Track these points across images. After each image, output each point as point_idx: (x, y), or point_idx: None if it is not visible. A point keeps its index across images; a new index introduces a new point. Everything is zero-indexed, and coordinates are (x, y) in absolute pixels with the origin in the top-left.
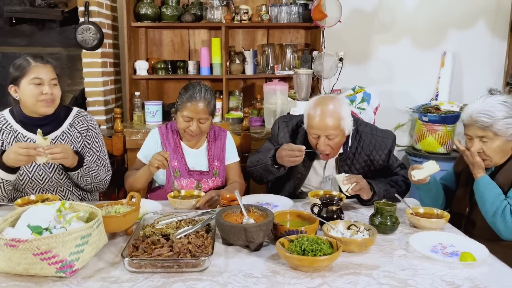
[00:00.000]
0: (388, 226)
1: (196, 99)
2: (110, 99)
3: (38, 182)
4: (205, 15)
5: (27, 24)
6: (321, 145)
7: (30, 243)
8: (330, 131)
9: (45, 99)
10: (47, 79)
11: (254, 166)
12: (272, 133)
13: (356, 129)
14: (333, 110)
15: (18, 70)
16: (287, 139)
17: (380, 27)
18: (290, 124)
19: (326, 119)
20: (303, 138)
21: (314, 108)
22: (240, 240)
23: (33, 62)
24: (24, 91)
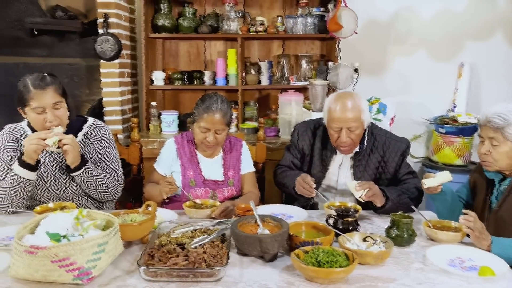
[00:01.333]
0: (404, 238)
1: (213, 110)
2: (127, 108)
3: (54, 192)
4: (221, 26)
5: (47, 35)
6: (343, 137)
7: (49, 250)
8: (352, 123)
9: (50, 126)
10: (48, 105)
11: (280, 186)
12: (292, 140)
13: (371, 131)
14: (353, 103)
15: (20, 97)
16: (307, 142)
17: (396, 38)
18: (309, 127)
19: (348, 112)
20: (322, 138)
21: (335, 102)
22: (255, 251)
23: (33, 89)
24: (30, 117)
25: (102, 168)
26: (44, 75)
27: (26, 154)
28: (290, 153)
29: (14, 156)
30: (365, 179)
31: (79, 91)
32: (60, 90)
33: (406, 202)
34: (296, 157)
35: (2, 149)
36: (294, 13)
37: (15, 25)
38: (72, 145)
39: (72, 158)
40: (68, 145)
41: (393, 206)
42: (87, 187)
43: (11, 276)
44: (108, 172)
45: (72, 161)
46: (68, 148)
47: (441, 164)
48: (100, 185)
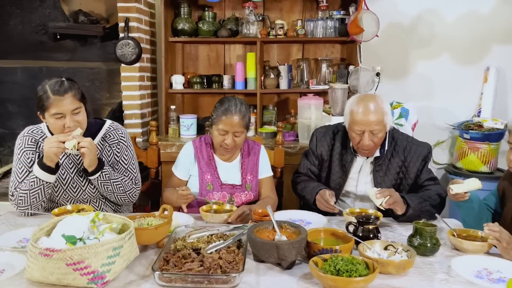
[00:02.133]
0: (428, 248)
1: (232, 112)
2: (146, 112)
3: (71, 194)
4: (241, 30)
5: (70, 40)
6: (365, 140)
7: (64, 253)
8: (374, 126)
9: (69, 131)
10: (68, 111)
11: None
12: (310, 146)
13: (392, 136)
14: (376, 105)
15: (40, 103)
16: (325, 148)
17: (419, 41)
18: (327, 133)
19: (371, 114)
20: (341, 143)
21: (357, 105)
22: (271, 257)
23: (52, 95)
24: (49, 123)
25: (120, 171)
26: (62, 81)
27: (46, 157)
28: (307, 160)
29: (33, 158)
30: (385, 184)
31: (99, 94)
32: (78, 95)
33: (428, 210)
34: (314, 164)
35: (22, 151)
36: (314, 16)
37: (39, 29)
38: (90, 148)
39: (89, 161)
40: (86, 148)
41: (415, 214)
42: (104, 190)
43: (26, 278)
44: (126, 175)
45: (89, 164)
46: (85, 151)
47: (466, 171)
48: (117, 188)
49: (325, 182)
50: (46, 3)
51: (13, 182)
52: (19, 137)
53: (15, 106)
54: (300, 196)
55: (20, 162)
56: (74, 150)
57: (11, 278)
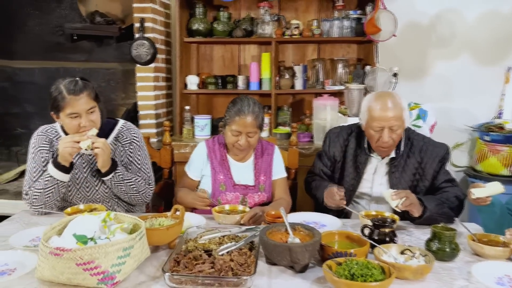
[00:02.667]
0: (447, 252)
1: (245, 113)
2: (161, 112)
3: (84, 193)
4: (256, 30)
5: (86, 41)
6: (385, 137)
7: (74, 253)
8: (394, 122)
9: (84, 131)
10: (83, 111)
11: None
12: (323, 147)
13: (407, 136)
14: (394, 101)
15: (55, 103)
16: (338, 148)
17: (437, 41)
18: (341, 133)
19: (389, 110)
20: (355, 144)
21: (375, 101)
22: (284, 260)
23: (67, 95)
24: (64, 123)
25: (133, 171)
26: (77, 80)
27: (61, 156)
28: (320, 161)
29: (47, 157)
30: (401, 186)
31: (115, 94)
32: (93, 94)
33: (445, 212)
34: (326, 165)
35: (36, 150)
36: (330, 16)
37: (56, 30)
38: (103, 149)
39: (102, 162)
40: (99, 149)
41: (432, 217)
42: (117, 191)
43: (37, 277)
44: (139, 176)
45: (102, 165)
46: (99, 151)
47: (486, 174)
48: (130, 188)
49: (338, 183)
50: (63, 4)
51: (27, 181)
52: (33, 136)
53: (33, 106)
54: (313, 196)
55: (34, 161)
56: (88, 150)
57: (22, 277)
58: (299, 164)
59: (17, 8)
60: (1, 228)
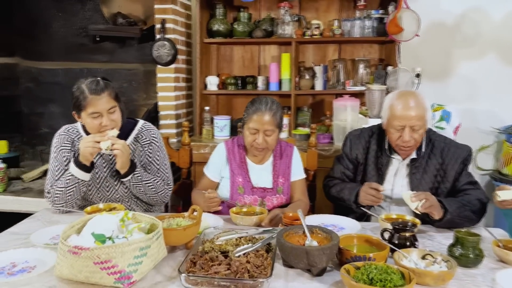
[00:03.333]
0: (470, 258)
1: (262, 111)
2: (181, 113)
3: (104, 193)
4: (276, 30)
5: (109, 42)
6: (405, 136)
7: (92, 252)
8: (415, 121)
9: (105, 130)
10: (104, 110)
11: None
12: (343, 150)
13: (428, 137)
14: (417, 101)
15: (77, 103)
16: (360, 150)
17: (462, 41)
18: (362, 135)
19: (411, 109)
20: (377, 146)
21: (397, 99)
22: (301, 263)
23: (89, 95)
24: (86, 122)
25: (152, 172)
26: (98, 80)
27: (81, 156)
28: (341, 164)
29: (68, 157)
30: (422, 187)
31: (137, 95)
32: (113, 94)
33: (467, 216)
34: (348, 168)
35: (58, 150)
36: (352, 16)
37: (80, 32)
38: (122, 150)
39: (121, 163)
40: (119, 150)
41: (453, 219)
42: (136, 192)
43: (56, 275)
44: (158, 176)
45: (121, 166)
46: (118, 153)
47: None
48: (149, 189)
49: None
50: (87, 6)
51: (49, 179)
52: (56, 135)
53: (57, 106)
54: (336, 198)
55: (56, 160)
56: (108, 151)
57: (41, 275)
58: (319, 165)
59: (43, 10)
60: (23, 226)
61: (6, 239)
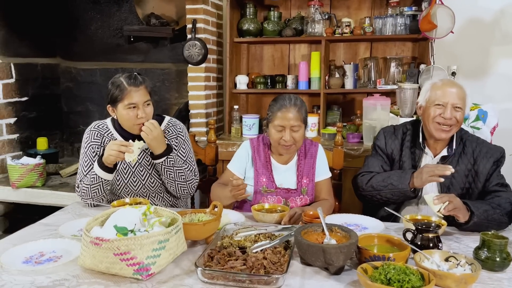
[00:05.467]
0: (496, 262)
1: (286, 106)
2: (211, 112)
3: (132, 188)
4: (306, 29)
5: (143, 42)
6: (447, 113)
7: (112, 243)
8: (458, 100)
9: (141, 123)
10: (141, 102)
11: (379, 190)
12: (378, 145)
13: (460, 136)
14: (459, 84)
15: (115, 94)
16: (397, 146)
17: (501, 38)
18: (397, 131)
19: (454, 87)
20: (410, 142)
21: (439, 81)
22: (318, 261)
23: (128, 86)
24: (121, 114)
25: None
26: (136, 75)
27: (105, 159)
28: (377, 158)
29: (98, 152)
30: (453, 187)
31: (169, 94)
32: (149, 88)
33: (496, 219)
34: (386, 162)
35: (88, 145)
36: (384, 13)
37: (116, 33)
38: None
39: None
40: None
41: (480, 223)
42: (166, 177)
43: (80, 265)
44: (185, 167)
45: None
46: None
47: None
48: (179, 176)
49: None
50: (123, 8)
51: (79, 174)
52: (86, 131)
53: (94, 105)
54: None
55: (86, 156)
56: (132, 163)
57: (66, 264)
58: (347, 165)
59: (82, 12)
60: (54, 218)
61: (37, 230)
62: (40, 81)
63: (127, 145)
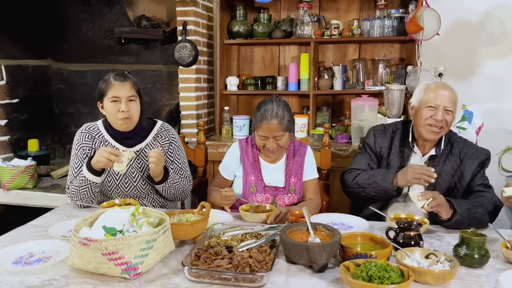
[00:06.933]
0: (475, 259)
1: (267, 118)
2: (202, 113)
3: (123, 189)
4: (295, 31)
5: (134, 44)
6: (438, 116)
7: (100, 243)
8: (449, 103)
9: (122, 117)
10: (124, 96)
11: (363, 187)
12: (367, 143)
13: (448, 137)
14: (451, 87)
15: (101, 88)
16: (386, 145)
17: (487, 40)
18: (387, 130)
19: (446, 90)
20: (399, 141)
21: (433, 84)
22: (302, 259)
23: (113, 80)
24: (106, 108)
25: (175, 170)
26: (124, 72)
27: (93, 163)
28: (364, 156)
29: (89, 154)
30: (439, 186)
31: (160, 95)
32: (136, 87)
33: (478, 217)
34: (372, 160)
35: (79, 147)
36: (372, 15)
37: (107, 34)
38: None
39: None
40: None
41: (462, 220)
42: (167, 194)
43: (69, 265)
44: (181, 175)
45: (156, 175)
46: (152, 166)
47: None
48: (177, 189)
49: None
50: (114, 9)
51: (69, 176)
52: (77, 133)
53: (85, 106)
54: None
55: (77, 157)
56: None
57: (55, 265)
58: (336, 165)
59: (73, 14)
60: (44, 219)
61: (26, 231)
62: (31, 83)
63: (117, 154)
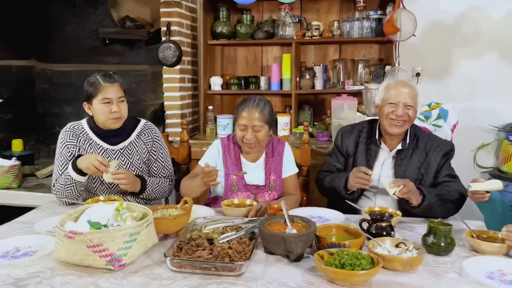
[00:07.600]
0: (441, 247)
1: (249, 107)
2: (187, 112)
3: (107, 186)
4: (277, 32)
5: (118, 44)
6: (399, 111)
7: (85, 236)
8: (409, 99)
9: (114, 117)
10: (115, 98)
11: (326, 189)
12: (335, 144)
13: (414, 132)
14: (411, 84)
15: (90, 90)
16: (351, 143)
17: (462, 40)
18: (353, 130)
19: (406, 88)
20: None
21: (392, 82)
22: (279, 250)
23: (103, 82)
24: (96, 109)
25: (158, 168)
26: (110, 73)
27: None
28: (332, 158)
29: (73, 152)
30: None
31: (145, 95)
32: (123, 87)
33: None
34: (338, 161)
35: (63, 146)
36: (352, 17)
37: (91, 35)
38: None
39: (132, 190)
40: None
41: (431, 206)
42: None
43: (54, 258)
44: (163, 173)
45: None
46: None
47: (511, 175)
48: (159, 192)
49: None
50: (98, 10)
51: (54, 174)
52: (62, 132)
53: (70, 107)
54: (328, 189)
55: (62, 156)
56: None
57: (41, 258)
58: (317, 162)
59: (57, 15)
60: (30, 216)
61: (12, 228)
62: (15, 83)
63: (107, 165)
